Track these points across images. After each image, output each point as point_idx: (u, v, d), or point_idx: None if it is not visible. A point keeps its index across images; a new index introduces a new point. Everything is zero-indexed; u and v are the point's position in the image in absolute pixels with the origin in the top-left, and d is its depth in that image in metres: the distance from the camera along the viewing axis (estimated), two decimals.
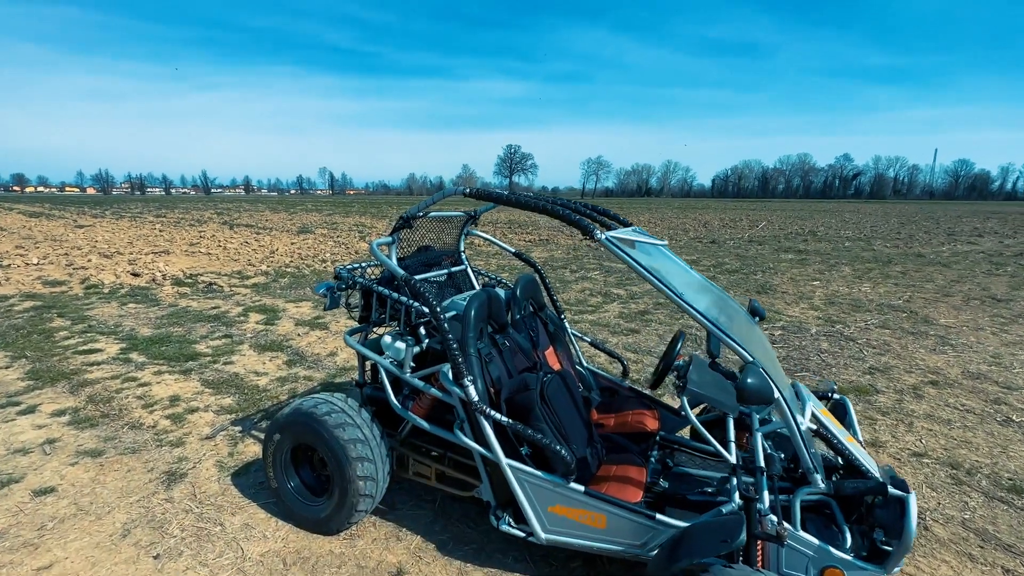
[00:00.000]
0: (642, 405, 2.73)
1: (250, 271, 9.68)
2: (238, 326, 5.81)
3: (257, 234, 17.08)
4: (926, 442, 3.36)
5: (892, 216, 33.94)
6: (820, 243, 15.83)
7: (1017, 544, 2.39)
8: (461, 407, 2.04)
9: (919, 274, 10.00)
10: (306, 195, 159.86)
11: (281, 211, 33.80)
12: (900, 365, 4.83)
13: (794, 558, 1.66)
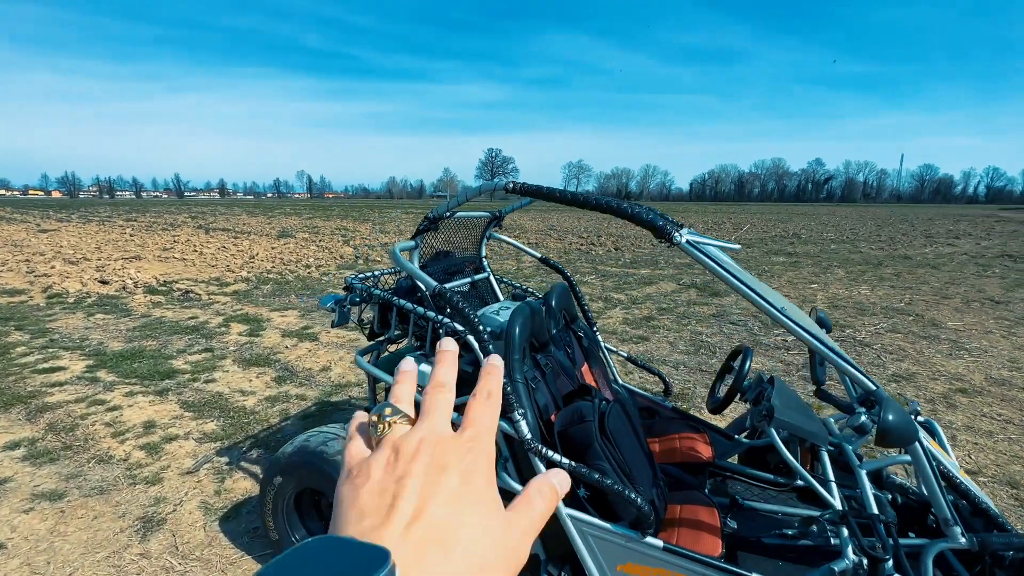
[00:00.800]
0: (689, 428, 2.43)
1: (229, 278, 9.14)
2: (219, 338, 5.35)
3: (235, 238, 16.39)
4: (976, 458, 3.15)
5: (867, 219, 34.71)
6: (807, 246, 15.92)
7: None
8: (505, 444, 1.71)
9: (911, 276, 10.02)
10: (284, 199, 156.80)
11: (259, 215, 32.86)
12: (923, 372, 4.66)
13: None
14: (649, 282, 9.12)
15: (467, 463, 0.32)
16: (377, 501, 0.30)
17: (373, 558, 0.24)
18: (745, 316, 6.54)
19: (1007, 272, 10.59)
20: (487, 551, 0.29)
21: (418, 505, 0.29)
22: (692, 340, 5.52)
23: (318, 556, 0.25)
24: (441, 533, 0.29)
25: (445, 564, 0.27)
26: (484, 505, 0.31)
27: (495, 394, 0.37)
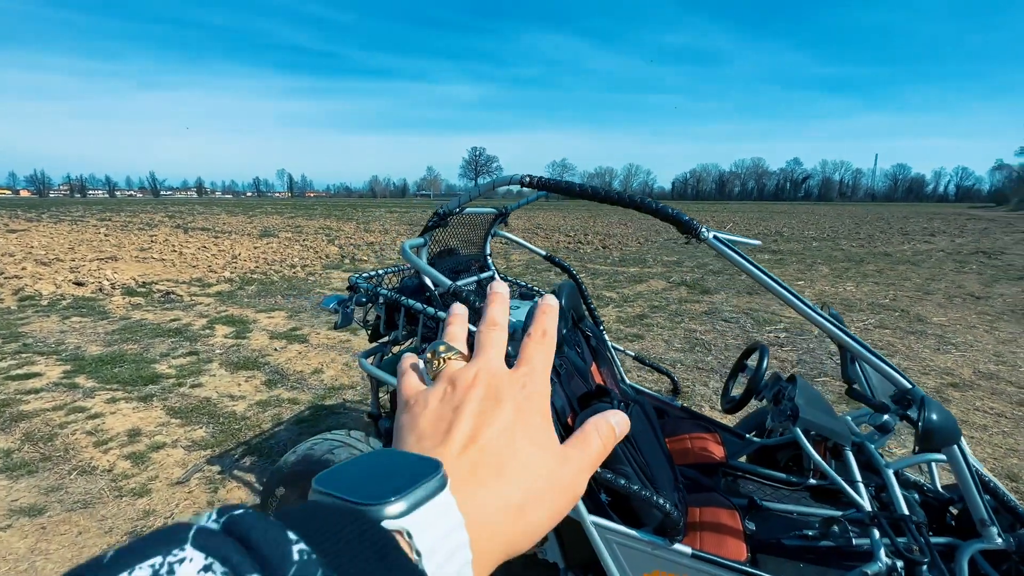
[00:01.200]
0: (700, 428, 2.39)
1: (211, 278, 8.88)
2: (204, 341, 5.17)
3: (215, 238, 15.98)
4: (975, 451, 3.18)
5: (845, 217, 35.47)
6: (790, 243, 16.17)
7: None
8: None
9: (893, 272, 10.23)
10: (264, 197, 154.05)
11: (239, 214, 32.18)
12: (913, 367, 4.72)
13: None
14: (639, 280, 9.13)
15: (522, 397, 0.33)
16: (434, 427, 0.31)
17: (426, 466, 0.25)
18: (737, 313, 6.58)
19: (984, 268, 10.88)
20: (539, 480, 0.30)
21: (473, 431, 0.30)
22: (687, 338, 5.51)
23: (375, 463, 0.26)
24: (494, 458, 0.29)
25: (497, 484, 0.28)
26: (538, 437, 0.32)
27: (550, 333, 0.38)
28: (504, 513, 0.28)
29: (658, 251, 13.67)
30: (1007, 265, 11.29)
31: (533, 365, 0.35)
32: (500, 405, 0.32)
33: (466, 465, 0.28)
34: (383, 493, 0.23)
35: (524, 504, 0.29)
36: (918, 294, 8.07)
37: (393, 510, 0.23)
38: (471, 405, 0.31)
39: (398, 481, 0.24)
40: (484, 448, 0.29)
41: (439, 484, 0.25)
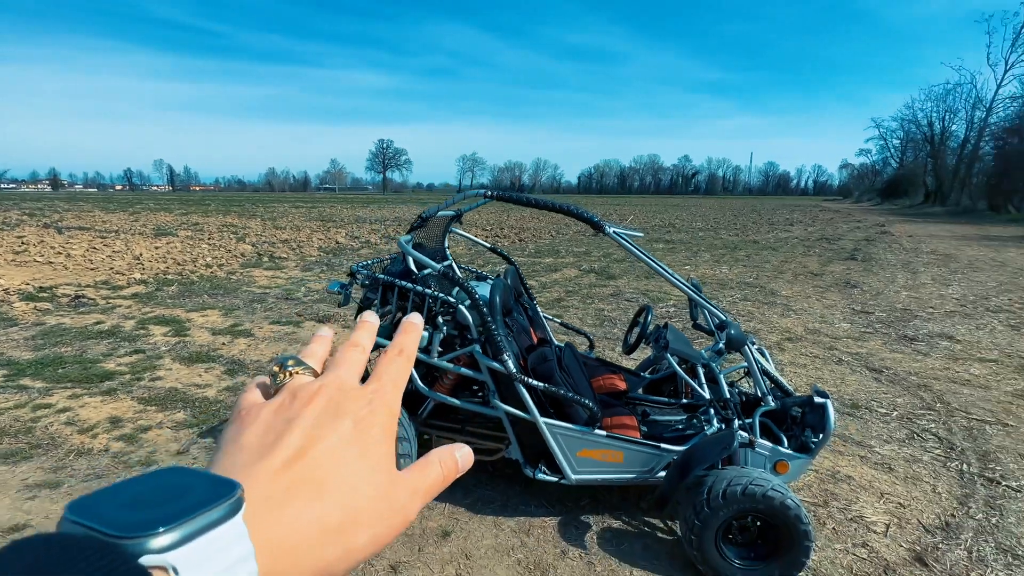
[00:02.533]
0: (609, 370, 3.28)
1: (119, 280, 8.45)
2: (143, 340, 5.22)
3: (102, 237, 14.62)
4: (794, 380, 4.44)
5: (726, 209, 40.05)
6: (680, 234, 18.34)
7: (864, 441, 3.41)
8: (492, 380, 2.37)
9: (759, 257, 12.29)
10: (139, 191, 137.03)
11: (116, 210, 28.95)
12: (764, 328, 6.12)
13: (757, 458, 2.30)
14: (555, 269, 10.16)
15: (365, 412, 0.31)
16: (260, 440, 0.29)
17: (218, 489, 0.23)
18: (637, 294, 7.78)
19: (824, 252, 13.39)
20: (364, 500, 0.28)
21: (302, 446, 0.28)
22: (597, 315, 6.54)
23: (157, 485, 0.23)
24: (319, 474, 0.27)
25: (315, 504, 0.26)
26: (373, 457, 0.30)
27: (407, 351, 0.37)
28: (319, 536, 0.26)
29: (568, 243, 14.94)
30: (840, 248, 13.97)
31: (383, 381, 0.34)
32: (338, 420, 0.30)
33: (284, 483, 0.26)
34: (149, 523, 0.20)
35: (343, 526, 0.27)
36: (774, 273, 9.92)
37: (158, 543, 0.20)
38: (306, 419, 0.30)
39: (175, 507, 0.21)
40: (309, 464, 0.28)
41: (228, 511, 0.22)
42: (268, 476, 0.27)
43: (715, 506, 2.02)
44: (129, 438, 3.19)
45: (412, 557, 2.25)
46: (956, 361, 4.97)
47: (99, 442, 3.14)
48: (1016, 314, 6.83)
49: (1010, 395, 4.16)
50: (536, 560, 2.26)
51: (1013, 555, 2.35)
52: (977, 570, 2.25)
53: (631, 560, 2.27)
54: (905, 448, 3.32)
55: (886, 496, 2.79)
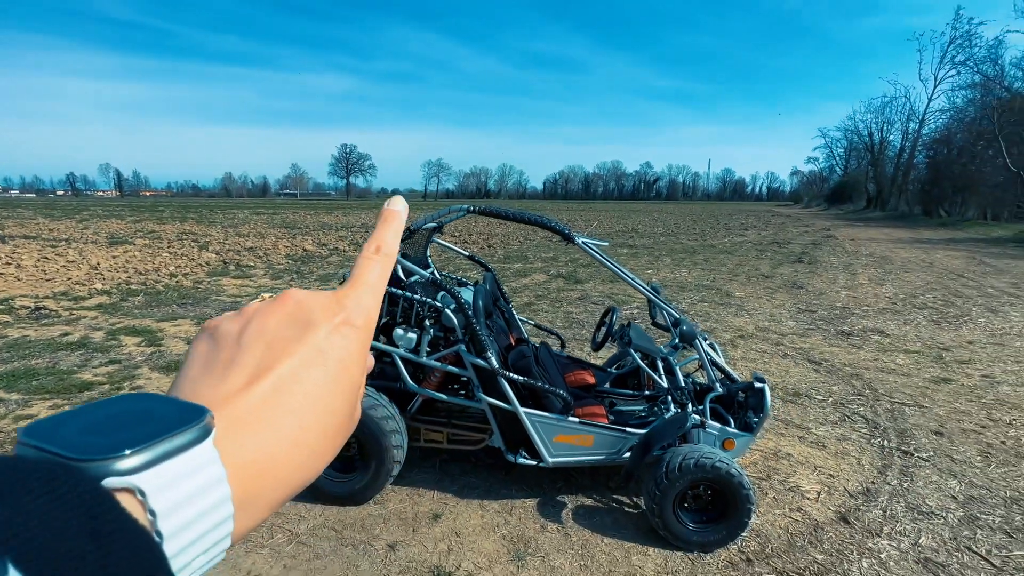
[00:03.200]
0: (579, 367, 3.59)
1: (80, 291, 8.23)
2: (116, 351, 5.20)
3: (52, 247, 14.01)
4: (744, 374, 4.89)
5: (686, 215, 41.58)
6: (643, 239, 19.06)
7: (804, 424, 3.85)
8: (477, 376, 2.63)
9: (715, 260, 13.00)
10: (84, 197, 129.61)
11: (61, 217, 27.59)
12: (719, 327, 6.61)
13: (708, 437, 2.66)
14: (524, 274, 10.50)
15: (340, 321, 0.29)
16: (228, 355, 0.27)
17: (186, 414, 0.22)
18: (603, 297, 8.19)
19: (774, 255, 14.27)
20: (337, 418, 0.28)
21: (266, 362, 0.26)
22: (566, 318, 6.89)
23: (121, 410, 0.22)
24: (289, 393, 0.26)
25: (287, 425, 0.25)
26: (350, 370, 0.28)
27: (386, 246, 0.33)
28: (292, 456, 0.25)
29: (536, 249, 15.33)
30: (790, 252, 14.91)
31: (359, 286, 0.31)
32: (308, 331, 0.28)
33: (254, 400, 0.25)
34: (114, 445, 0.19)
35: (315, 444, 0.26)
36: (729, 276, 10.57)
37: (123, 465, 0.19)
38: (268, 333, 0.28)
39: (141, 431, 0.20)
40: (277, 382, 0.26)
41: (197, 435, 0.21)
42: (234, 397, 0.25)
43: (672, 478, 2.35)
44: None
45: (408, 537, 2.49)
46: (885, 353, 5.56)
47: None
48: (938, 310, 7.60)
49: (927, 381, 4.73)
50: (519, 535, 2.53)
51: (919, 512, 2.79)
52: (889, 525, 2.67)
53: (602, 531, 2.58)
54: (837, 429, 3.78)
55: (819, 469, 3.21)
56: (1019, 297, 8.56)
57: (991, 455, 3.39)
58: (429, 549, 2.42)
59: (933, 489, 3.00)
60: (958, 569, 2.36)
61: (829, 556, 2.44)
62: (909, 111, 50.15)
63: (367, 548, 2.40)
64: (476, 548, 2.44)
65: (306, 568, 2.27)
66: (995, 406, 4.17)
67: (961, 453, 3.41)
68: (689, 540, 2.40)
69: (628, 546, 2.47)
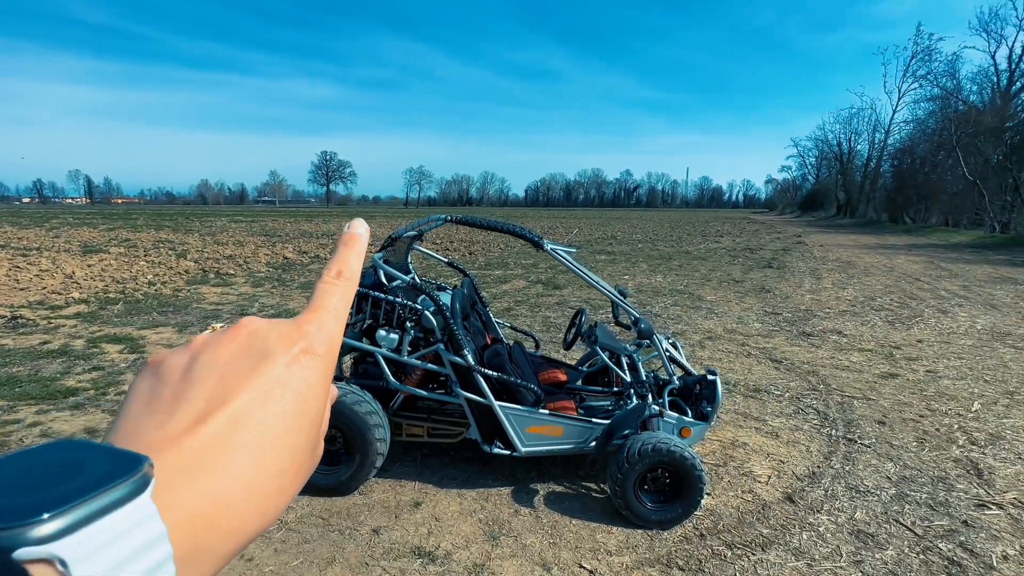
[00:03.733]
0: (553, 365, 3.83)
1: (56, 300, 8.18)
2: (99, 358, 5.26)
3: (24, 255, 13.74)
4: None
5: (664, 222, 42.42)
6: (621, 246, 19.50)
7: (761, 416, 4.15)
8: (455, 373, 2.84)
9: (690, 266, 13.43)
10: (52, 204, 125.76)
11: (30, 225, 26.92)
12: (690, 329, 6.93)
13: (666, 425, 2.91)
14: (504, 281, 10.73)
15: (299, 351, 0.27)
16: (175, 391, 0.25)
17: (120, 464, 0.19)
18: (580, 302, 8.46)
19: (747, 261, 14.79)
20: (298, 455, 0.26)
21: (217, 399, 0.24)
22: (544, 322, 7.14)
23: (42, 462, 0.19)
24: (243, 432, 0.24)
25: (242, 467, 0.23)
26: (311, 404, 0.26)
27: (347, 271, 0.32)
28: (245, 502, 0.23)
29: (516, 256, 15.59)
30: (761, 258, 15.47)
31: (320, 312, 0.29)
32: (264, 363, 0.26)
33: (204, 441, 0.23)
34: (30, 508, 0.17)
35: (273, 487, 0.24)
36: (702, 281, 10.98)
37: (41, 531, 0.16)
38: (218, 367, 0.25)
39: (65, 488, 0.18)
40: (229, 421, 0.24)
41: (131, 488, 0.19)
42: (179, 438, 0.23)
43: (632, 462, 2.59)
44: None
45: (391, 522, 2.68)
46: (841, 351, 5.94)
47: None
48: (894, 312, 8.07)
49: (876, 376, 5.09)
50: (494, 518, 2.74)
51: (856, 491, 3.08)
52: (829, 503, 2.96)
53: (571, 514, 2.80)
54: (791, 420, 4.08)
55: (771, 456, 3.49)
56: (968, 299, 9.12)
57: (925, 441, 3.72)
58: (411, 532, 2.61)
59: (871, 471, 3.30)
60: (885, 538, 2.65)
61: (774, 530, 2.71)
62: (875, 122, 52.37)
63: (353, 533, 2.58)
64: (454, 531, 2.64)
65: (296, 551, 2.44)
66: (935, 398, 4.54)
67: (899, 439, 3.74)
68: (648, 519, 2.64)
69: (594, 526, 2.70)
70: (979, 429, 3.91)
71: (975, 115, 28.91)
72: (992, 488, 3.11)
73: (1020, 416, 4.16)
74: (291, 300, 8.49)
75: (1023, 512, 2.88)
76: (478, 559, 2.44)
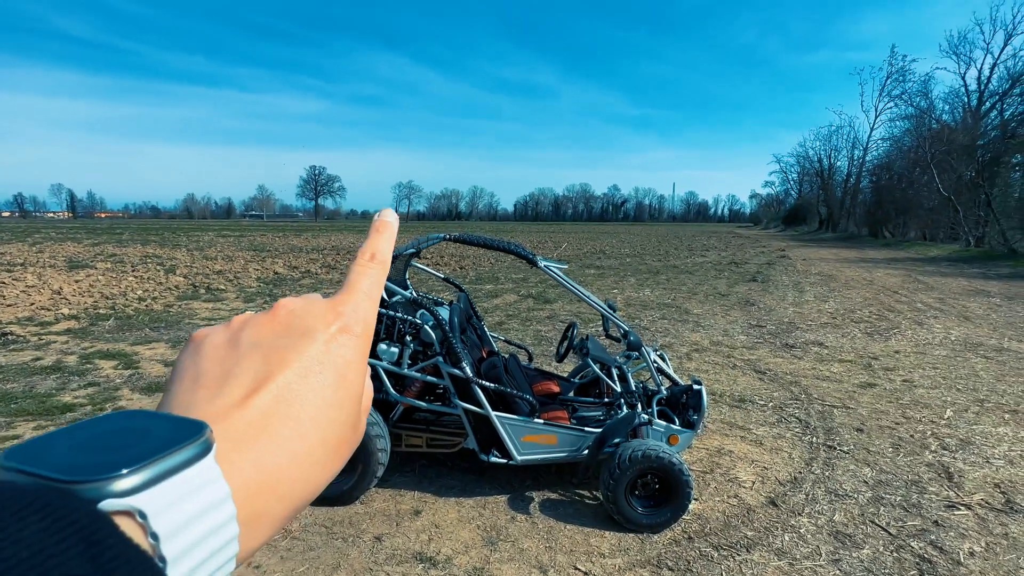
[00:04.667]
0: (545, 377, 3.97)
1: (45, 316, 8.14)
2: (93, 374, 5.27)
3: (8, 271, 13.59)
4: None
5: (652, 236, 43.03)
6: (610, 260, 19.79)
7: (746, 425, 4.31)
8: (453, 384, 2.97)
9: (676, 280, 13.71)
10: (33, 218, 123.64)
11: (12, 240, 26.54)
12: (677, 341, 7.12)
13: (655, 433, 3.06)
14: (495, 295, 10.87)
15: (336, 330, 0.28)
16: (220, 367, 0.26)
17: (183, 430, 0.21)
18: (570, 315, 8.62)
19: (732, 275, 15.12)
20: (340, 429, 0.27)
21: (265, 373, 0.26)
22: (535, 336, 7.28)
23: (111, 428, 0.21)
24: (289, 404, 0.25)
25: (290, 438, 0.25)
26: (349, 379, 0.28)
27: (380, 255, 0.33)
28: (296, 471, 0.24)
29: (507, 270, 15.76)
30: (746, 272, 15.82)
31: (355, 293, 0.31)
32: (304, 340, 0.27)
33: (254, 413, 0.24)
34: (109, 465, 0.18)
35: (320, 458, 0.26)
36: (688, 295, 11.22)
37: (121, 485, 0.18)
38: (264, 343, 0.27)
39: (137, 449, 0.19)
40: (277, 394, 0.25)
41: (197, 451, 0.20)
42: (232, 410, 0.24)
43: (623, 468, 2.72)
44: None
45: (392, 530, 2.77)
46: (822, 362, 6.16)
47: None
48: (872, 324, 8.35)
49: (855, 386, 5.30)
50: (492, 525, 2.85)
51: (835, 495, 3.24)
52: (809, 506, 3.11)
53: (565, 519, 2.92)
54: (774, 429, 4.25)
55: (755, 462, 3.65)
56: (943, 311, 9.47)
57: (900, 447, 3.91)
58: (412, 539, 2.70)
59: (849, 476, 3.47)
60: (862, 538, 2.81)
61: (758, 532, 2.85)
62: (854, 139, 53.97)
63: (356, 540, 2.67)
64: (454, 537, 2.74)
65: (301, 558, 2.52)
66: (910, 406, 4.75)
67: (876, 446, 3.92)
68: (639, 523, 2.77)
69: (587, 530, 2.82)
70: (951, 435, 4.11)
71: (948, 133, 30.03)
72: (961, 490, 3.29)
73: (989, 422, 4.37)
74: None
75: (989, 512, 3.06)
76: (477, 563, 2.54)
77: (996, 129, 29.00)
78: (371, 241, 0.34)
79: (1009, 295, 11.46)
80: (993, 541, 2.79)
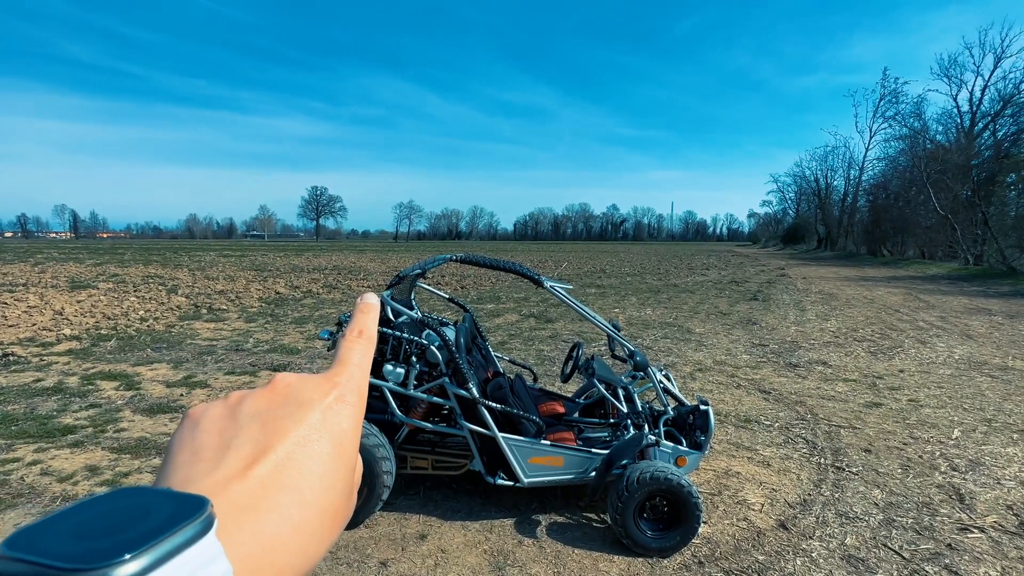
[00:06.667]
0: (550, 398, 3.95)
1: (47, 337, 8.12)
2: (95, 395, 5.24)
3: (10, 291, 13.60)
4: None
5: (651, 255, 43.21)
6: (610, 279, 19.84)
7: (752, 446, 4.27)
8: (459, 405, 2.95)
9: (678, 299, 13.72)
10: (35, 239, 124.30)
11: (15, 261, 26.59)
12: (680, 361, 7.10)
13: (663, 455, 3.03)
14: (497, 315, 10.87)
15: (333, 400, 0.29)
16: (218, 439, 0.27)
17: (185, 506, 0.21)
18: (572, 335, 8.61)
19: (733, 293, 15.14)
20: (338, 496, 0.28)
21: (263, 445, 0.26)
22: (538, 355, 7.26)
23: (111, 508, 0.21)
24: (289, 475, 0.26)
25: (291, 508, 0.25)
26: (345, 447, 0.29)
27: (367, 331, 0.35)
28: (297, 540, 0.25)
29: (508, 289, 15.79)
30: (746, 290, 15.85)
31: (348, 365, 0.32)
32: (302, 411, 0.28)
33: (254, 484, 0.25)
34: (110, 550, 0.18)
35: (319, 526, 0.26)
36: (690, 314, 11.22)
37: (124, 572, 0.18)
38: (263, 414, 0.28)
39: (138, 530, 0.19)
40: (276, 465, 0.26)
41: (198, 529, 0.20)
42: (232, 482, 0.24)
43: (632, 490, 2.69)
44: (112, 483, 3.39)
45: (397, 555, 2.72)
46: (826, 382, 6.13)
47: (82, 488, 3.32)
48: (876, 342, 8.33)
49: (861, 406, 5.27)
50: (499, 549, 2.80)
51: (846, 518, 3.20)
52: (820, 529, 3.07)
53: (573, 543, 2.87)
54: (781, 449, 4.21)
55: (764, 484, 3.61)
56: (945, 330, 9.46)
57: (910, 467, 3.87)
58: (418, 564, 2.66)
59: (859, 498, 3.43)
60: (875, 563, 2.76)
61: (769, 557, 2.80)
62: (849, 159, 54.55)
63: (361, 566, 2.63)
64: (461, 562, 2.69)
65: None
66: (917, 426, 4.71)
67: (885, 467, 3.88)
68: (648, 546, 2.73)
69: (596, 555, 2.77)
70: (960, 456, 4.08)
71: (943, 153, 30.40)
72: (974, 512, 3.25)
73: (998, 443, 4.34)
74: (285, 335, 8.52)
75: (1003, 535, 3.01)
76: None
77: (990, 149, 29.39)
78: (357, 320, 0.36)
79: (1011, 313, 11.46)
80: (1009, 565, 2.74)
